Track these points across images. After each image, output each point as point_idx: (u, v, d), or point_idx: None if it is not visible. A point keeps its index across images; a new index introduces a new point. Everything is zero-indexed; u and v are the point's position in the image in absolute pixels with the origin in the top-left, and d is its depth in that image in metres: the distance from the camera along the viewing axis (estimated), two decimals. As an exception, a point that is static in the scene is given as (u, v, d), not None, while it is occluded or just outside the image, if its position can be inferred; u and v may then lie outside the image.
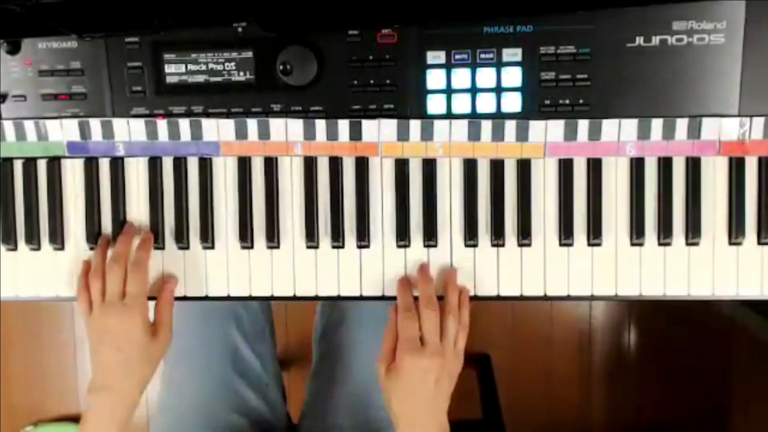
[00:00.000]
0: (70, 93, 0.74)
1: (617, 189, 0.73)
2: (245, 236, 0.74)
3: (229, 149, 0.74)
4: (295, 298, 0.75)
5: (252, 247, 0.75)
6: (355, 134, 0.73)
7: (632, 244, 0.73)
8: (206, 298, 0.75)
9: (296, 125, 0.73)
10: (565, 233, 0.72)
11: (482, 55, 0.71)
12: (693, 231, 0.72)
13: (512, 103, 0.71)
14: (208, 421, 0.87)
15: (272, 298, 0.75)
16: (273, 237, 0.74)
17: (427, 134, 0.73)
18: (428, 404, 0.68)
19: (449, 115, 0.72)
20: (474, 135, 0.72)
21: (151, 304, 0.74)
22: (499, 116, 0.72)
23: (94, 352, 0.71)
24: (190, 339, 0.91)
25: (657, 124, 0.71)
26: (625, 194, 0.73)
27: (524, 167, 0.73)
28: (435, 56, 0.71)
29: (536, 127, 0.72)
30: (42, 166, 0.76)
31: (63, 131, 0.75)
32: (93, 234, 0.75)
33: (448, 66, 0.71)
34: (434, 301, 0.70)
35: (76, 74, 0.73)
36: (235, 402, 0.89)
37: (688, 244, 0.72)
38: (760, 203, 0.72)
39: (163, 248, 0.75)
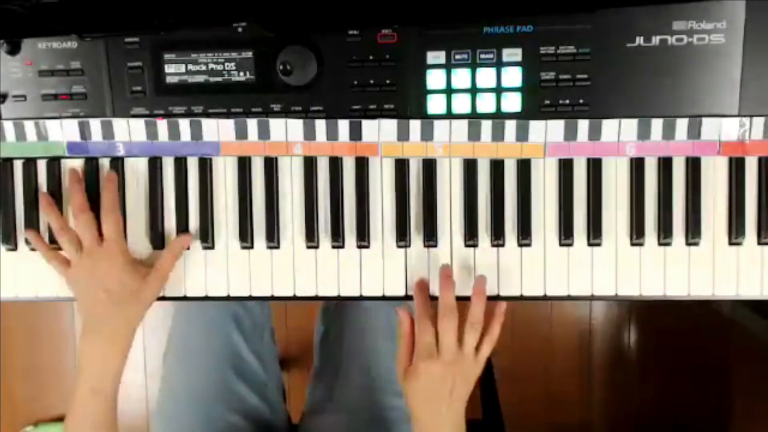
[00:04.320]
0: (70, 93, 0.74)
1: (617, 189, 0.73)
2: (245, 236, 0.74)
3: (229, 149, 0.74)
4: (295, 298, 0.75)
5: (252, 247, 0.75)
6: (355, 134, 0.73)
7: (632, 244, 0.73)
8: (206, 298, 0.75)
9: (296, 125, 0.73)
10: (565, 233, 0.72)
11: (482, 55, 0.71)
12: (693, 231, 0.72)
13: (512, 103, 0.71)
14: (207, 421, 0.87)
15: (272, 298, 0.75)
16: (273, 237, 0.74)
17: (427, 134, 0.73)
18: (444, 407, 0.68)
19: (449, 115, 0.72)
20: (474, 135, 0.72)
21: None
22: (499, 116, 0.72)
23: (81, 299, 0.71)
24: (190, 339, 0.92)
25: (657, 124, 0.71)
26: (625, 194, 0.73)
27: (524, 167, 0.73)
28: (435, 56, 0.71)
29: (536, 127, 0.72)
30: (42, 166, 0.76)
31: (63, 131, 0.75)
32: (93, 234, 0.75)
33: (448, 66, 0.71)
34: (454, 310, 0.69)
35: (76, 74, 0.73)
36: (235, 402, 0.89)
37: (688, 244, 0.72)
38: (760, 203, 0.72)
39: (163, 248, 0.75)
